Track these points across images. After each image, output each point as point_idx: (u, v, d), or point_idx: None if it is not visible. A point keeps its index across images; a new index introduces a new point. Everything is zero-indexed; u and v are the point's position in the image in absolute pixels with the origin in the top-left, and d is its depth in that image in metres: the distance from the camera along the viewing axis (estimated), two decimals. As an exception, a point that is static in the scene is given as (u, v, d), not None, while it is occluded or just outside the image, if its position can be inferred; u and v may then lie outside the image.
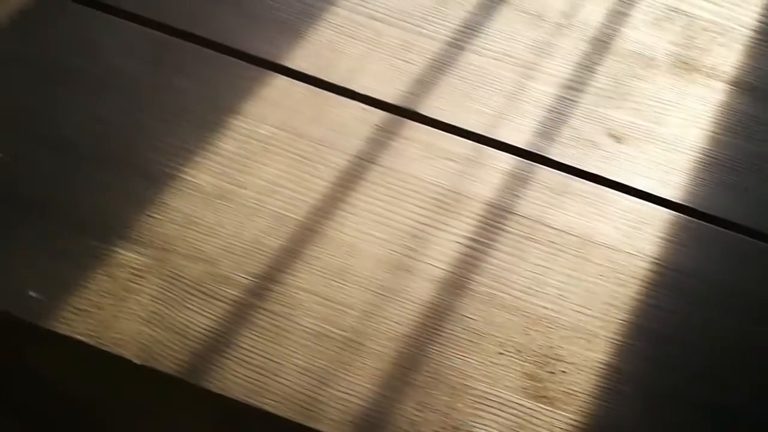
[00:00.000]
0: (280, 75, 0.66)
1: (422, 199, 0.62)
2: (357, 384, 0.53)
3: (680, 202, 0.66)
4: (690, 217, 0.66)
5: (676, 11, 0.79)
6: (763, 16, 0.80)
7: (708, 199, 0.67)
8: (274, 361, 0.54)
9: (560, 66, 0.73)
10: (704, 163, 0.69)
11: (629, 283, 0.61)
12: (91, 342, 0.52)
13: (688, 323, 0.59)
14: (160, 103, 0.64)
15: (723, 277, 0.62)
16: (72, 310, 0.53)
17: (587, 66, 0.73)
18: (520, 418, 0.54)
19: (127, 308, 0.54)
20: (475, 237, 0.61)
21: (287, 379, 0.53)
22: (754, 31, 0.79)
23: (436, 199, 0.63)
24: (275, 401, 0.52)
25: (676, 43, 0.77)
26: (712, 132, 0.71)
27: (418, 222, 0.61)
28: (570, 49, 0.74)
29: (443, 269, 0.59)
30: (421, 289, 0.58)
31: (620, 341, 0.58)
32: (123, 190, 0.59)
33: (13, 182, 0.59)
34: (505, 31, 0.74)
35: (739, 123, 0.72)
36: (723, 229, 0.65)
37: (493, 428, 0.53)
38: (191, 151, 0.62)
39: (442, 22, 0.73)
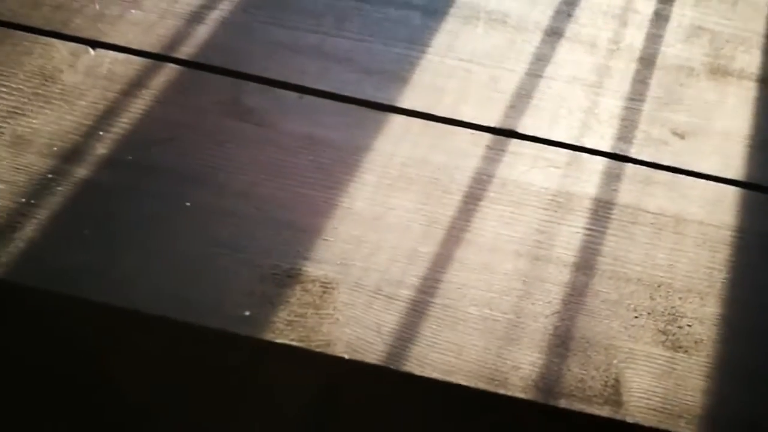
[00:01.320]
0: (397, 114, 0.78)
1: (539, 201, 0.73)
2: (528, 354, 0.63)
3: (744, 180, 0.79)
4: (756, 192, 0.78)
5: (701, 29, 0.93)
6: (772, 24, 0.95)
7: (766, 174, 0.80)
8: (455, 344, 0.63)
9: (620, 82, 0.86)
10: (754, 146, 0.82)
11: (722, 250, 0.73)
12: (304, 346, 0.61)
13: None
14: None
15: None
16: (282, 322, 0.62)
17: (641, 80, 0.87)
18: (664, 366, 0.64)
19: (326, 315, 0.63)
20: (590, 226, 0.72)
21: (470, 357, 0.62)
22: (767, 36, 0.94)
23: (551, 200, 0.74)
24: (466, 376, 0.61)
25: (707, 54, 0.91)
26: (753, 121, 0.85)
27: (540, 219, 0.72)
28: (624, 68, 0.87)
29: (572, 255, 0.70)
30: (558, 274, 0.69)
31: (726, 296, 0.69)
32: (300, 223, 0.69)
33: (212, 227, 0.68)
34: (569, 59, 0.87)
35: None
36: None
37: (646, 376, 0.63)
38: (342, 184, 0.72)
39: (517, 57, 0.86)
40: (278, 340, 0.61)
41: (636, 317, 0.67)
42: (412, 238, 0.69)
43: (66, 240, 0.64)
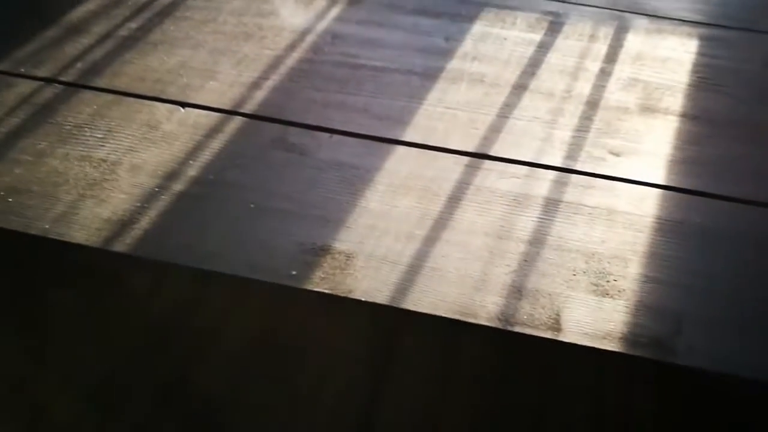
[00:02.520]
0: (400, 145, 1.06)
1: (504, 200, 1.00)
2: (492, 298, 0.87)
3: (664, 183, 1.04)
4: (672, 192, 1.03)
5: (636, 80, 1.21)
6: (691, 75, 1.22)
7: (681, 180, 1.04)
8: (440, 292, 0.88)
9: (570, 119, 1.13)
10: (673, 161, 1.08)
11: (643, 230, 0.97)
12: (333, 293, 0.87)
13: (682, 262, 0.95)
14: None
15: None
16: (318, 278, 0.89)
17: (587, 117, 1.14)
18: (594, 306, 0.88)
19: (348, 274, 0.89)
20: (542, 216, 0.98)
21: (450, 300, 0.87)
22: (687, 85, 1.21)
23: (512, 199, 1.00)
24: (447, 311, 0.86)
25: (640, 97, 1.18)
26: (674, 143, 1.11)
27: (504, 212, 0.98)
28: (573, 109, 1.15)
29: (526, 235, 0.95)
30: (516, 247, 0.94)
31: (644, 261, 0.93)
32: (329, 216, 0.97)
33: (269, 220, 0.96)
34: (531, 105, 1.15)
35: (688, 137, 1.11)
36: (698, 197, 1.02)
37: (580, 313, 0.87)
38: (360, 191, 1.00)
39: (490, 105, 1.14)
40: (316, 289, 0.87)
41: (574, 275, 0.91)
42: (409, 225, 0.96)
43: (168, 227, 0.93)
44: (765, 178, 1.04)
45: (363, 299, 0.87)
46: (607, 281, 0.91)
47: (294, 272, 0.89)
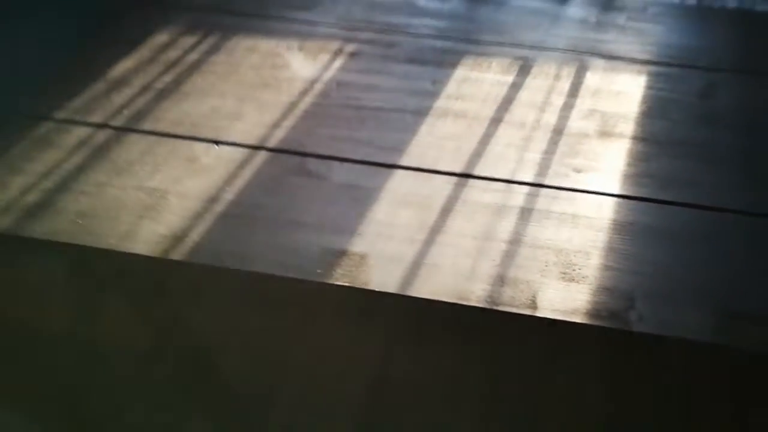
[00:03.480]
0: (399, 169, 1.28)
1: (486, 210, 1.21)
2: (480, 286, 1.08)
3: (618, 193, 1.26)
4: (625, 200, 1.25)
5: (595, 110, 1.44)
6: (640, 105, 1.46)
7: (632, 190, 1.26)
8: (439, 282, 1.09)
9: (539, 144, 1.35)
10: (626, 175, 1.30)
11: (602, 230, 1.18)
12: (350, 284, 1.07)
13: (633, 254, 1.16)
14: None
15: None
16: (338, 274, 1.09)
17: (554, 143, 1.36)
18: (563, 290, 1.08)
19: (362, 270, 1.10)
20: (518, 222, 1.19)
21: (447, 288, 1.07)
22: (637, 113, 1.45)
23: (493, 209, 1.21)
24: (444, 296, 1.06)
25: (598, 125, 1.41)
26: (626, 161, 1.33)
27: (487, 220, 1.19)
28: (542, 136, 1.37)
29: (506, 236, 1.16)
30: (498, 247, 1.15)
31: (603, 254, 1.14)
32: (343, 226, 1.17)
33: (294, 231, 1.17)
34: (506, 134, 1.37)
35: (638, 156, 1.34)
36: (646, 202, 1.24)
37: (552, 294, 1.07)
38: (368, 206, 1.21)
39: (473, 135, 1.37)
40: (338, 283, 1.07)
41: (546, 266, 1.12)
42: (410, 231, 1.17)
43: (215, 239, 1.13)
44: (699, 186, 1.26)
45: (377, 289, 1.07)
46: (573, 270, 1.12)
47: (319, 270, 1.09)
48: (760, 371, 1.03)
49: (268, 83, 1.47)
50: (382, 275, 1.09)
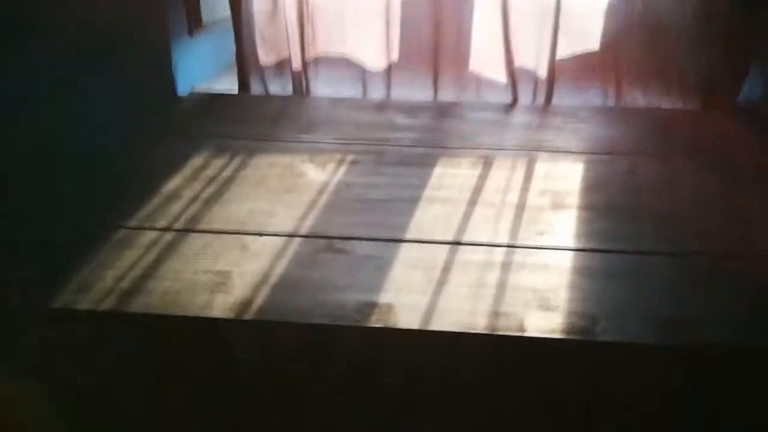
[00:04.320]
0: (405, 243, 1.63)
1: (477, 266, 1.56)
2: (483, 318, 1.42)
3: (573, 247, 1.63)
4: (580, 252, 1.62)
5: (546, 190, 1.84)
6: (581, 183, 1.87)
7: (583, 244, 1.64)
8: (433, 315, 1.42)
9: (509, 217, 1.73)
10: (576, 235, 1.68)
11: (566, 274, 1.54)
12: (383, 326, 1.39)
13: (591, 288, 1.52)
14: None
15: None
16: (374, 320, 1.41)
17: (519, 216, 1.74)
18: (543, 316, 1.42)
19: (392, 315, 1.42)
20: (502, 273, 1.54)
21: (445, 323, 1.41)
22: (579, 189, 1.85)
23: (482, 265, 1.57)
24: (446, 325, 1.39)
25: (550, 200, 1.80)
26: (574, 226, 1.71)
27: (479, 273, 1.54)
28: (508, 211, 1.76)
29: (495, 283, 1.51)
30: (490, 291, 1.49)
31: (570, 290, 1.49)
32: (365, 284, 1.51)
33: (326, 291, 1.50)
34: (480, 213, 1.75)
35: (584, 220, 1.73)
36: (594, 253, 1.61)
37: (536, 319, 1.41)
38: (388, 273, 1.55)
39: (455, 214, 1.74)
40: (374, 326, 1.39)
41: (527, 301, 1.46)
42: (422, 285, 1.49)
43: (273, 303, 1.45)
44: (631, 238, 1.65)
45: (407, 327, 1.40)
46: (548, 303, 1.46)
47: (358, 318, 1.41)
48: (690, 360, 1.38)
49: (291, 188, 1.84)
50: (406, 318, 1.42)
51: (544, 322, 1.40)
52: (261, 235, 1.65)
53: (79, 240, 1.61)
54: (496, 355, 1.40)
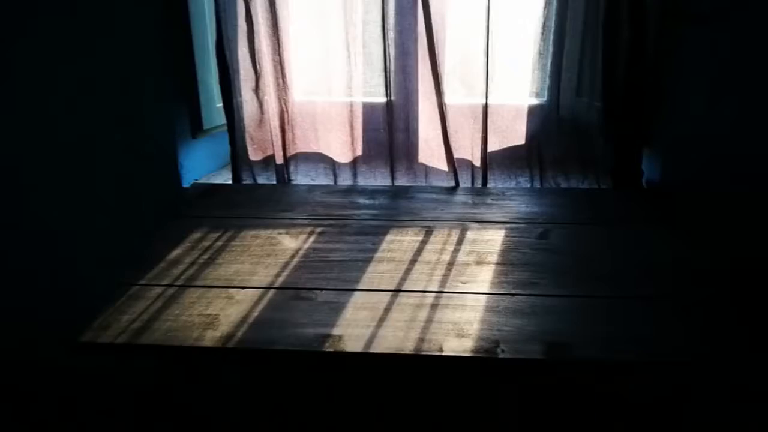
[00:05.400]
0: (358, 291, 2.00)
1: (412, 307, 1.92)
2: (412, 343, 1.77)
3: (489, 292, 2.00)
4: (496, 296, 1.99)
5: (473, 251, 2.23)
6: (501, 246, 2.26)
7: (497, 289, 2.01)
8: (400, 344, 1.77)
9: (440, 271, 2.11)
10: (493, 283, 2.05)
11: (479, 310, 1.90)
12: (334, 350, 1.74)
13: (498, 320, 1.89)
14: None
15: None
16: (327, 346, 1.76)
17: (448, 270, 2.12)
18: (460, 342, 1.78)
19: (343, 344, 1.77)
20: (431, 312, 1.90)
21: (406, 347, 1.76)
22: (499, 251, 2.24)
23: (416, 306, 1.93)
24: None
25: (475, 258, 2.18)
26: (492, 276, 2.09)
27: (413, 312, 1.90)
28: (442, 267, 2.13)
29: (425, 318, 1.86)
30: (421, 325, 1.85)
31: (478, 322, 1.85)
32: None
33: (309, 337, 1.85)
34: (420, 268, 2.13)
35: (500, 273, 2.10)
36: (505, 296, 1.98)
37: (454, 344, 1.76)
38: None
39: (399, 270, 2.12)
40: (328, 350, 1.74)
41: (448, 332, 1.81)
42: (367, 321, 1.85)
43: (251, 337, 1.80)
44: (539, 285, 2.02)
45: (352, 350, 1.74)
46: (463, 332, 1.81)
47: (315, 345, 1.77)
48: (568, 371, 1.73)
49: (269, 253, 2.22)
50: (352, 344, 1.77)
51: (458, 346, 1.75)
52: (243, 288, 2.02)
53: (103, 293, 1.99)
54: (420, 370, 1.75)
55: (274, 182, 2.85)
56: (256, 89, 2.71)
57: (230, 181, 2.86)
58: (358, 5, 2.61)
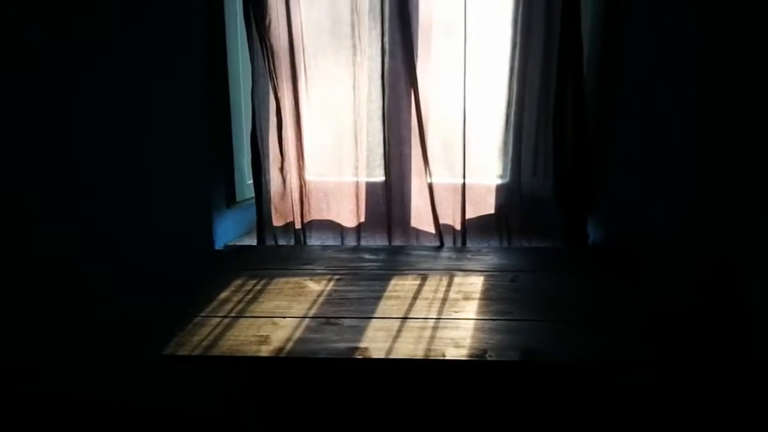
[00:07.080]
0: (375, 319, 2.43)
1: (418, 329, 2.35)
2: (419, 351, 2.20)
3: (476, 317, 2.45)
4: (481, 321, 2.44)
5: (461, 290, 2.69)
6: (482, 285, 2.73)
7: (482, 315, 2.47)
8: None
9: (437, 305, 2.55)
10: (478, 311, 2.50)
11: (470, 330, 2.35)
12: (363, 357, 2.15)
13: (487, 337, 2.34)
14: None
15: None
16: (357, 354, 2.17)
17: (442, 304, 2.57)
18: (457, 350, 2.21)
19: (367, 353, 2.19)
20: (432, 333, 2.34)
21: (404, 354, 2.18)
22: (481, 290, 2.71)
23: (420, 328, 2.36)
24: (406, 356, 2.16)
25: (463, 296, 2.65)
26: (478, 306, 2.55)
27: (419, 333, 2.33)
28: (438, 302, 2.58)
29: (428, 336, 2.30)
30: (425, 340, 2.28)
31: (473, 338, 2.29)
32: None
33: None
34: (421, 303, 2.57)
35: (484, 306, 2.57)
36: (491, 321, 2.43)
37: (453, 351, 2.19)
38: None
39: (405, 305, 2.56)
40: (357, 357, 2.16)
41: (447, 344, 2.24)
42: (384, 337, 2.28)
43: (299, 349, 2.21)
44: (512, 313, 2.48)
45: (377, 357, 2.16)
46: (459, 344, 2.25)
47: (348, 354, 2.18)
48: (542, 372, 2.17)
49: (300, 294, 2.65)
50: (376, 353, 2.19)
51: (457, 353, 2.19)
52: (284, 317, 2.45)
53: (179, 323, 2.39)
54: (428, 371, 2.18)
55: (293, 243, 3.31)
56: (281, 169, 3.22)
57: (255, 243, 3.30)
58: (363, 102, 3.17)
